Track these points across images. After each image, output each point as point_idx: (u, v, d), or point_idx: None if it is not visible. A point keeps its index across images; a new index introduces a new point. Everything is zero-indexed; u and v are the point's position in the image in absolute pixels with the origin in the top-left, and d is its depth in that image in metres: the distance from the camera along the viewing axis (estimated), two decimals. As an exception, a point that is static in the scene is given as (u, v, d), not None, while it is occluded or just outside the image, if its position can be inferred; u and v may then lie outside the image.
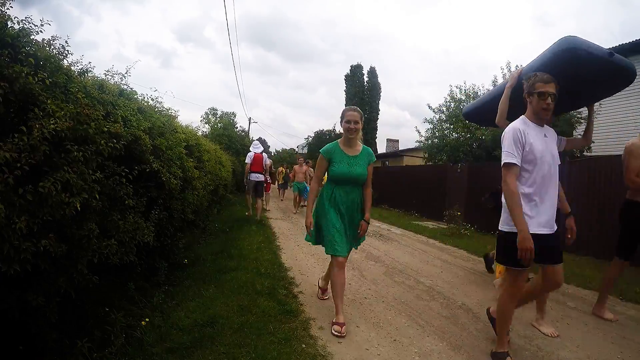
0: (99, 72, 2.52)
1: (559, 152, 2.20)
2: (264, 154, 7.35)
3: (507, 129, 2.07)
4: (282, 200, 13.35)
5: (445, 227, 7.66)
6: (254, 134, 24.95)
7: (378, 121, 22.05)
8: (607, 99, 9.99)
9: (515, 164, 1.98)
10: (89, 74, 2.32)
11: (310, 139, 27.38)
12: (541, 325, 2.63)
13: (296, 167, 10.02)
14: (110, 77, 2.64)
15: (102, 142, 1.74)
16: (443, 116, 12.70)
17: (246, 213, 7.84)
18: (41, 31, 1.66)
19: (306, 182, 9.43)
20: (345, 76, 21.84)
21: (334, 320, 2.44)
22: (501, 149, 2.09)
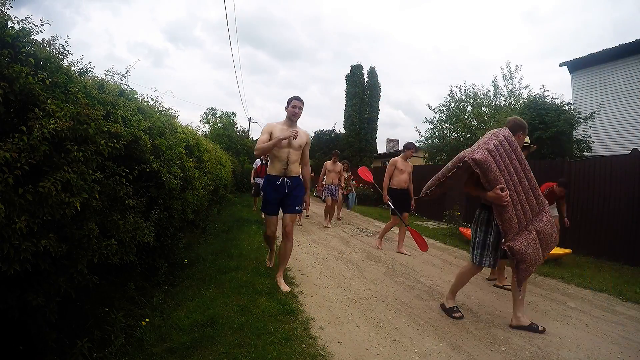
0: (97, 72, 2.52)
1: None
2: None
3: None
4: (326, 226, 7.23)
5: (445, 227, 7.66)
6: (254, 134, 24.88)
7: (378, 121, 22.04)
8: (607, 99, 10.01)
9: None
10: (88, 74, 2.32)
11: (310, 139, 27.26)
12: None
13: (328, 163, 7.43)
14: (110, 77, 2.64)
15: (102, 142, 1.74)
16: (443, 116, 12.72)
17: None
18: (41, 31, 1.66)
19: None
20: (346, 76, 21.78)
21: None
22: None
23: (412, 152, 5.21)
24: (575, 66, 10.40)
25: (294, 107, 3.19)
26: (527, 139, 4.20)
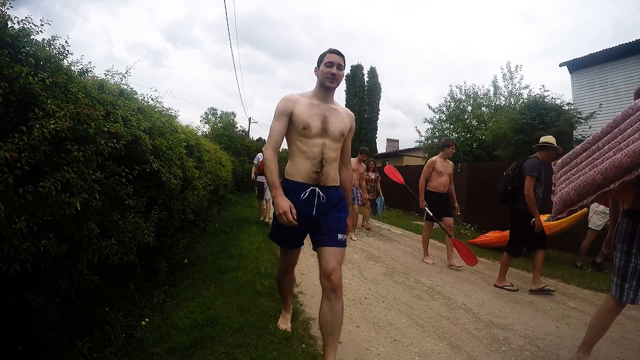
0: (97, 72, 2.53)
1: None
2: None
3: None
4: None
5: (445, 227, 7.64)
6: (254, 134, 24.92)
7: (378, 121, 22.07)
8: (607, 99, 9.99)
9: None
10: (88, 74, 2.32)
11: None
12: None
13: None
14: (110, 77, 2.65)
15: (102, 142, 1.74)
16: (443, 116, 12.73)
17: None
18: (41, 31, 1.66)
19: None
20: (346, 76, 21.85)
21: None
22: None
23: (452, 149, 4.45)
24: (575, 66, 10.40)
25: (331, 64, 1.82)
26: (551, 139, 3.56)
